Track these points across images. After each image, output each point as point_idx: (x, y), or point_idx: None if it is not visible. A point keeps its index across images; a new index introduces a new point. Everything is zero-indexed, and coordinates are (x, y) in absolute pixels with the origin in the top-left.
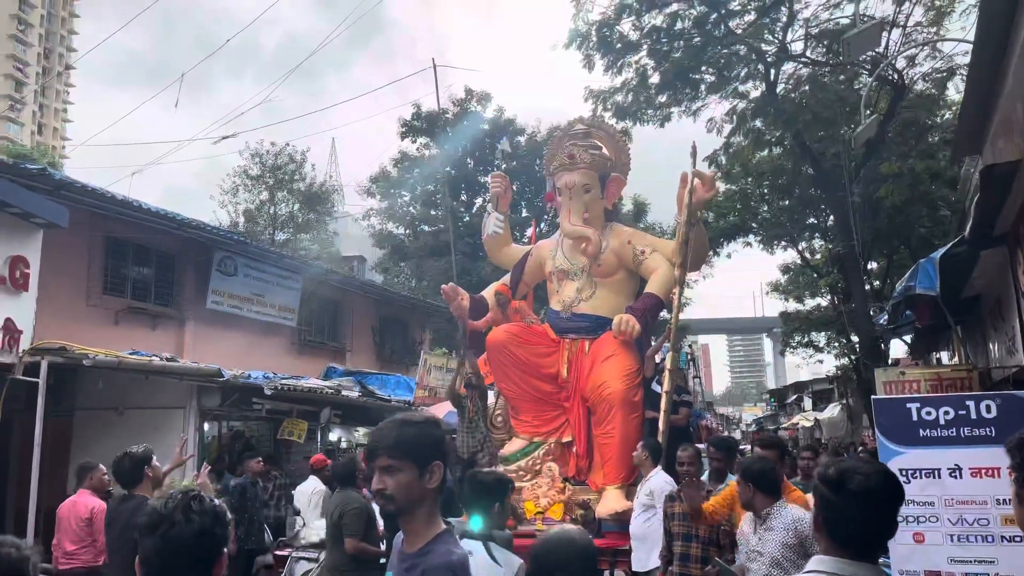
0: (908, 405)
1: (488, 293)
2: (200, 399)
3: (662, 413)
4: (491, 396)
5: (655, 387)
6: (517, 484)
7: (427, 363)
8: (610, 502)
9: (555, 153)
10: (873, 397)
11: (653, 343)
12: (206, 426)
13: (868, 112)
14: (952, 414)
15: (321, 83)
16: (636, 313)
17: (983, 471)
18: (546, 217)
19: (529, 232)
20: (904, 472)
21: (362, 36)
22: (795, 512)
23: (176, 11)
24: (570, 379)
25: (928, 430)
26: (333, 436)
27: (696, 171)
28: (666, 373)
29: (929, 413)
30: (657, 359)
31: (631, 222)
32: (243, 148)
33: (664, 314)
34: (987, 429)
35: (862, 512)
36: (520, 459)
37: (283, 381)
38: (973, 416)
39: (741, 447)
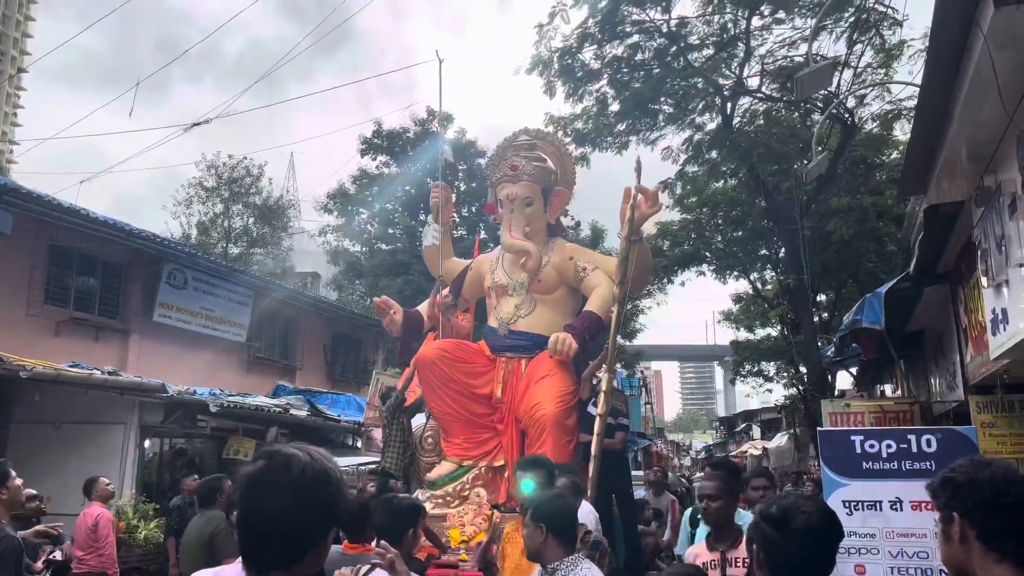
0: (852, 437)
1: (423, 307)
2: (142, 415)
3: (595, 436)
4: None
5: (591, 410)
6: (443, 511)
7: (379, 383)
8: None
9: (498, 163)
10: (819, 429)
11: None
12: (147, 443)
13: (820, 148)
14: (894, 447)
15: (282, 92)
16: (574, 331)
17: (923, 504)
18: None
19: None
20: (847, 504)
21: (326, 46)
22: (591, 572)
23: (133, 11)
24: (505, 400)
25: (871, 463)
26: None
27: (639, 186)
28: (601, 395)
29: (872, 446)
30: (594, 381)
31: (588, 247)
32: (199, 159)
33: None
34: (928, 463)
35: (805, 550)
36: (447, 484)
37: (230, 398)
38: (914, 450)
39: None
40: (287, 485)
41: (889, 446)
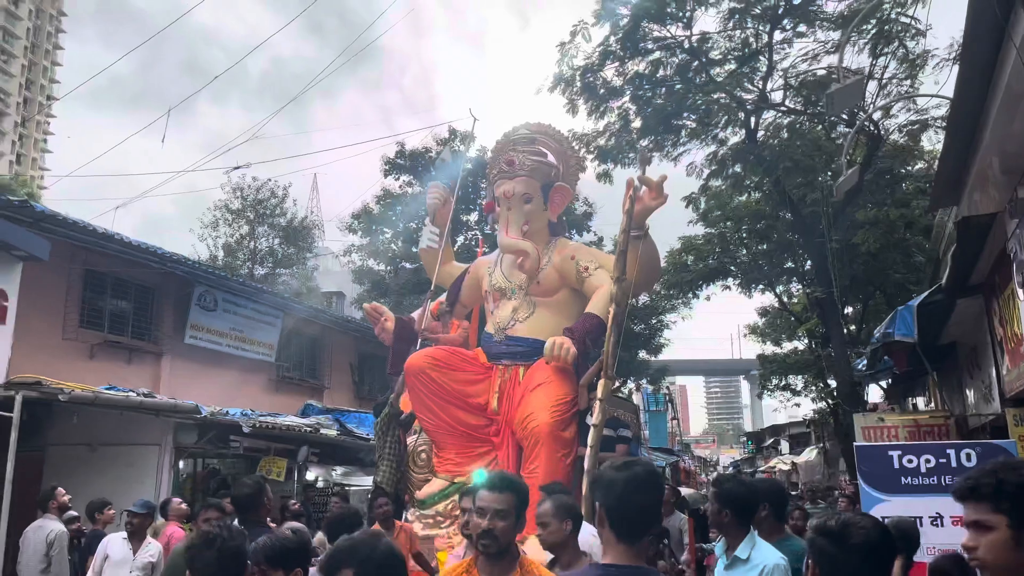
0: (890, 453)
1: (419, 314)
2: (176, 436)
3: (588, 449)
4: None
5: (591, 420)
6: (433, 532)
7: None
8: (531, 553)
9: (496, 159)
10: (856, 444)
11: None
12: (181, 464)
13: (846, 161)
14: (933, 462)
15: (305, 109)
16: (573, 335)
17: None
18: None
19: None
20: (887, 520)
21: (350, 67)
22: None
23: (161, 33)
24: (501, 411)
25: (910, 478)
26: (311, 475)
27: (642, 176)
28: (596, 403)
29: (911, 461)
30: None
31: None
32: (224, 182)
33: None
34: None
35: (863, 565)
36: (438, 502)
37: (261, 419)
38: (954, 464)
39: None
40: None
41: (928, 461)
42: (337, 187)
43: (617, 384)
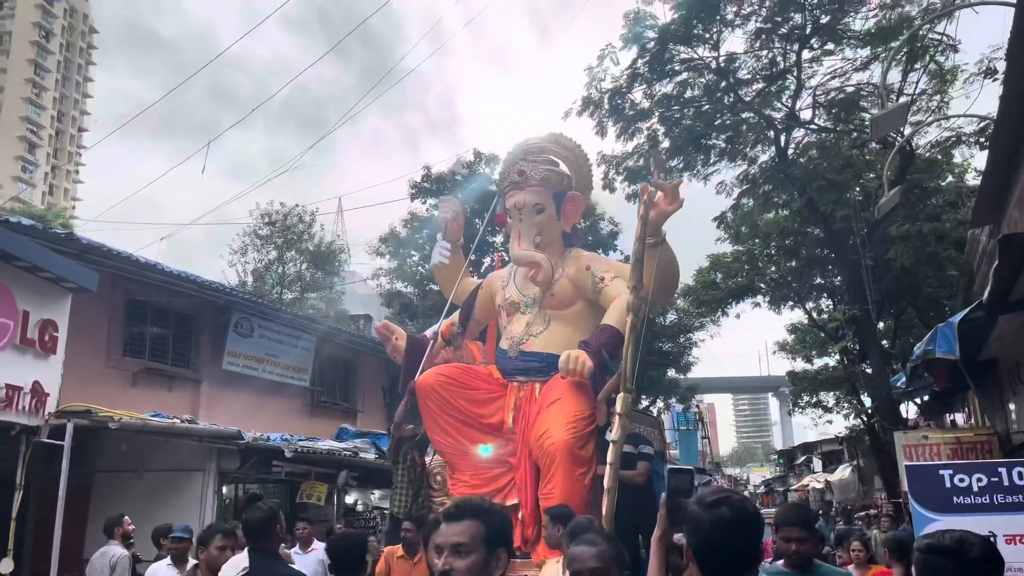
0: (941, 472)
1: (431, 332)
2: (219, 462)
3: (608, 467)
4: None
5: (610, 436)
6: None
7: None
8: None
9: (507, 171)
10: (905, 464)
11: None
12: (224, 489)
13: (887, 181)
14: (985, 481)
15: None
16: (589, 348)
17: (1018, 538)
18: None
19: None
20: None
21: (372, 85)
22: None
23: (187, 58)
24: (517, 430)
25: (961, 497)
26: (349, 499)
27: (656, 181)
28: (615, 419)
29: (962, 480)
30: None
31: None
32: (253, 208)
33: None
34: (1020, 496)
35: None
36: None
37: (301, 443)
38: (1006, 483)
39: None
40: None
41: (980, 480)
42: (363, 209)
43: (645, 404)
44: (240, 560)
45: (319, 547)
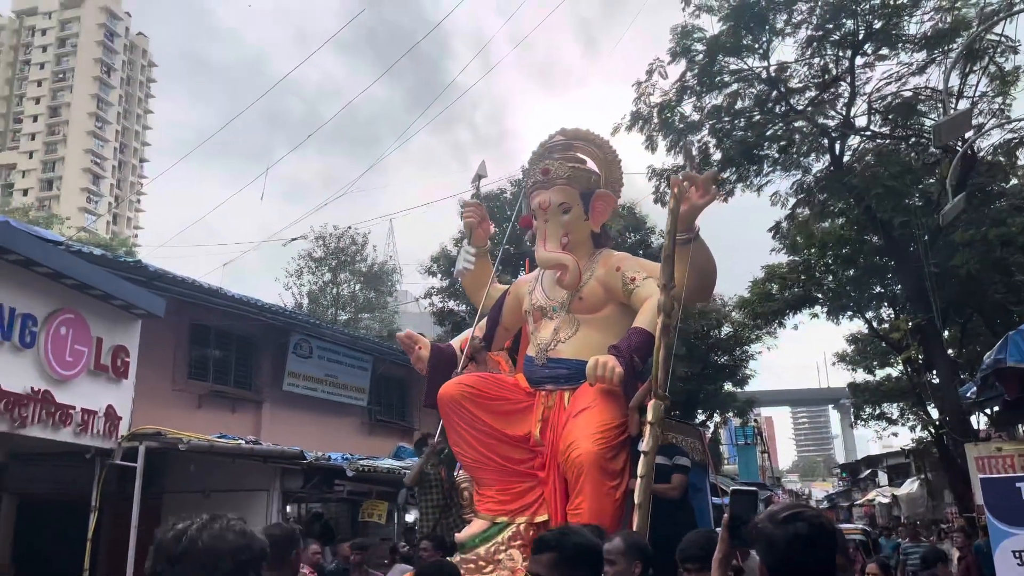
0: (1017, 484)
1: (459, 341)
2: (283, 481)
3: (638, 480)
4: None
5: (642, 447)
6: None
7: None
8: None
9: (531, 171)
10: (981, 477)
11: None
12: (288, 508)
13: (950, 188)
14: None
15: (379, 150)
16: (619, 353)
17: None
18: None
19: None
20: (1017, 554)
21: (423, 104)
22: None
23: (241, 84)
24: (545, 442)
25: None
26: (410, 517)
27: (688, 173)
28: (647, 428)
29: None
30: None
31: None
32: (307, 232)
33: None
34: None
35: None
36: (479, 545)
37: (362, 462)
38: None
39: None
40: None
41: None
42: (415, 229)
43: (702, 418)
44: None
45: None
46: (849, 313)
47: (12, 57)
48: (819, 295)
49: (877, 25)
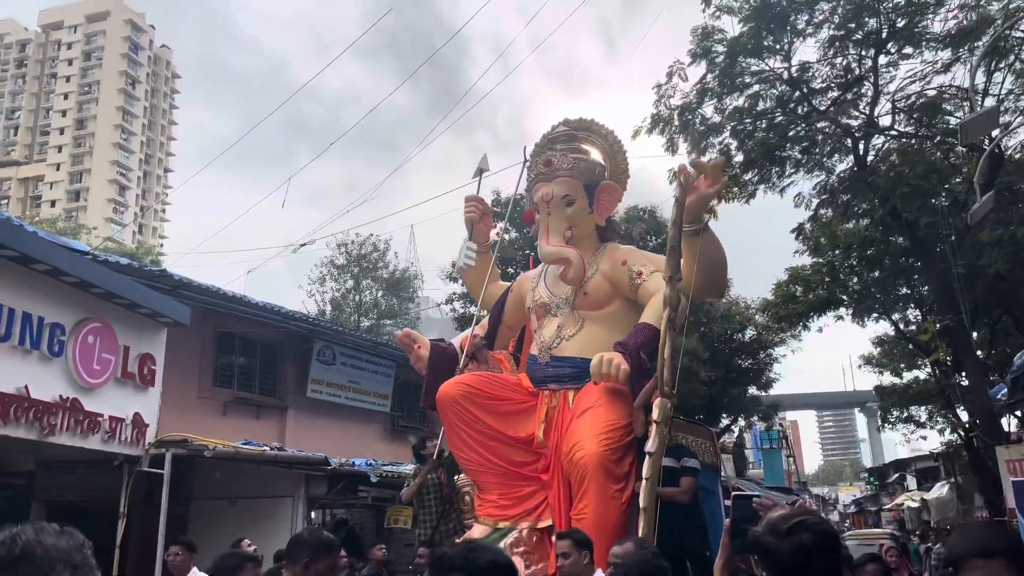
0: None
1: (460, 340)
2: (308, 487)
3: (643, 483)
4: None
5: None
6: None
7: None
8: None
9: (534, 163)
10: (1013, 480)
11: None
12: (313, 514)
13: (978, 187)
14: None
15: (399, 156)
16: (625, 350)
17: None
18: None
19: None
20: None
21: (442, 108)
22: None
23: (263, 91)
24: (549, 443)
25: None
26: None
27: (695, 161)
28: (653, 427)
29: None
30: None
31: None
32: (330, 239)
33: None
34: None
35: None
36: None
37: (385, 468)
38: None
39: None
40: None
41: None
42: (436, 235)
43: (726, 422)
44: None
45: None
46: (875, 315)
47: (39, 71)
48: (844, 297)
49: (900, 24)
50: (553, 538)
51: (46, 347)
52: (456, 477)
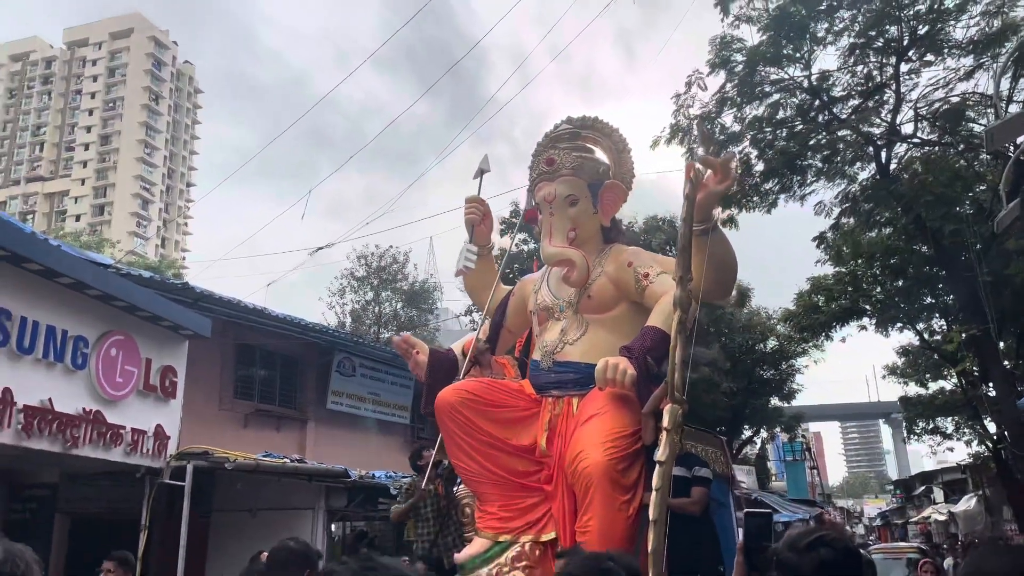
0: None
1: (460, 346)
2: (328, 500)
3: (653, 494)
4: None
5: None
6: None
7: None
8: None
9: (536, 162)
10: None
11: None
12: (333, 527)
13: (1004, 193)
14: None
15: (419, 166)
16: (631, 354)
17: None
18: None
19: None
20: None
21: (461, 118)
22: None
23: (283, 103)
24: (552, 453)
25: None
26: None
27: (704, 157)
28: (663, 435)
29: None
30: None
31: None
32: (350, 251)
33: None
34: None
35: None
36: (480, 566)
37: (405, 480)
38: None
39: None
40: None
41: None
42: (455, 248)
43: (748, 434)
44: None
45: None
46: (899, 325)
47: (64, 88)
48: (867, 307)
49: (922, 31)
50: (560, 550)
51: (70, 360)
52: (455, 488)
